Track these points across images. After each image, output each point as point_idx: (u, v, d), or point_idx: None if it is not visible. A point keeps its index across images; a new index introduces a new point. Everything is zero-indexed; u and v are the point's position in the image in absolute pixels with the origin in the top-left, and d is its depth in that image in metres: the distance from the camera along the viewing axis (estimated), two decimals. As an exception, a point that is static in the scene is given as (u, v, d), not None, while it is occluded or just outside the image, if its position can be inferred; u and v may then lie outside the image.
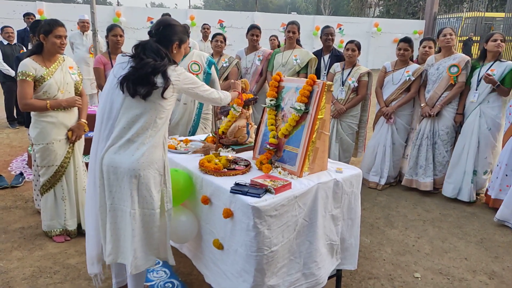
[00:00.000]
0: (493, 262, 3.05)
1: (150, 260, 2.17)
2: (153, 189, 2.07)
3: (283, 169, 2.30)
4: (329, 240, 2.32)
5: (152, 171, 2.05)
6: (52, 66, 2.99)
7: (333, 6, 38.25)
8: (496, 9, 22.56)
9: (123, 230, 2.09)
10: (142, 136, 2.02)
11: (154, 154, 2.05)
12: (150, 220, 2.10)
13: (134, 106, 2.01)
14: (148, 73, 1.95)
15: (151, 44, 2.05)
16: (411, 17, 25.50)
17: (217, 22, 14.68)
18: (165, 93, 2.00)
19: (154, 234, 2.13)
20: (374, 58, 17.92)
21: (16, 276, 2.70)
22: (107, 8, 17.10)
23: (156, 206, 2.11)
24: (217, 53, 4.68)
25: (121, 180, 2.03)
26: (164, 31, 2.10)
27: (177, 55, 2.19)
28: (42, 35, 2.88)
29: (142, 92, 1.97)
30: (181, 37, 2.17)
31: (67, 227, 3.17)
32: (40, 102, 2.91)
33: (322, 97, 2.23)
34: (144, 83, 1.96)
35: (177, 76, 2.04)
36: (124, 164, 2.01)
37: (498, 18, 18.17)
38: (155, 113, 2.03)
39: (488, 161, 4.08)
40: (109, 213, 2.09)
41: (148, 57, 2.00)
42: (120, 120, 2.04)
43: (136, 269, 2.10)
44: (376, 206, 4.04)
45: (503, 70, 3.88)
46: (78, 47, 7.09)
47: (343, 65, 4.42)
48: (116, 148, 2.03)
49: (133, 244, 2.06)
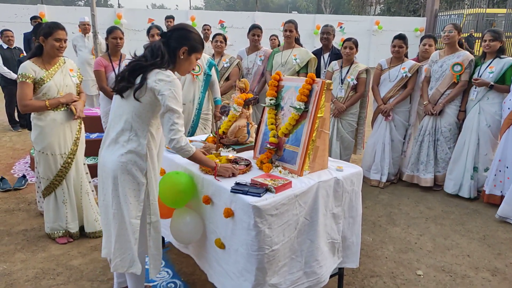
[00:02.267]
0: (496, 259, 3.04)
1: (133, 266, 2.11)
2: (129, 196, 2.03)
3: (283, 168, 2.30)
4: (331, 238, 2.32)
5: (130, 177, 2.02)
6: (52, 69, 3.00)
7: (333, 4, 38.18)
8: (497, 5, 22.45)
9: (111, 226, 2.13)
10: (122, 137, 2.02)
11: (132, 160, 2.01)
12: (126, 227, 2.06)
13: (119, 106, 2.06)
14: (128, 71, 1.97)
15: (156, 43, 2.03)
16: (412, 15, 25.41)
17: (218, 22, 14.70)
18: (137, 94, 1.93)
19: (131, 241, 2.07)
20: (375, 56, 17.86)
21: (19, 278, 2.71)
22: (108, 10, 17.12)
23: (132, 215, 2.04)
24: (217, 54, 4.69)
25: (107, 178, 2.06)
26: (175, 34, 2.05)
27: (185, 62, 2.08)
28: (42, 37, 2.91)
29: (119, 88, 1.98)
30: (193, 45, 2.06)
31: (69, 230, 3.19)
32: (39, 102, 2.93)
33: (321, 96, 2.24)
34: (124, 80, 1.98)
35: (158, 80, 1.91)
36: (108, 163, 2.05)
37: (500, 14, 18.08)
38: (131, 116, 1.99)
39: (489, 158, 4.07)
40: (102, 209, 2.16)
41: (143, 56, 2.00)
42: (110, 118, 2.12)
43: (114, 268, 2.12)
44: (378, 204, 4.04)
45: (501, 66, 3.88)
46: (80, 49, 7.14)
47: (341, 63, 4.42)
48: (106, 146, 2.10)
49: (114, 243, 2.09)
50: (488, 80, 3.90)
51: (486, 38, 3.94)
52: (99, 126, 4.35)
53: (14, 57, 6.57)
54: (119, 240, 2.09)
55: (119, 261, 2.11)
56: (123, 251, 2.11)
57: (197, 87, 3.83)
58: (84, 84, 6.28)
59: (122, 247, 2.10)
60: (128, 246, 2.10)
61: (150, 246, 2.17)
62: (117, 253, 2.11)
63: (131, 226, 2.07)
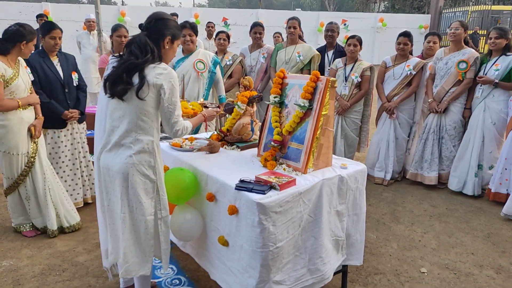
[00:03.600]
0: (500, 257, 3.04)
1: (145, 267, 2.11)
2: (142, 195, 2.03)
3: (287, 166, 2.31)
4: (335, 235, 2.32)
5: (140, 177, 2.01)
6: (15, 67, 3.01)
7: (337, 2, 38.04)
8: (503, 1, 22.27)
9: (118, 231, 2.09)
10: (128, 139, 1.99)
11: (142, 160, 2.00)
12: (140, 226, 2.06)
13: (117, 108, 2.00)
14: (123, 72, 1.91)
15: (140, 38, 1.98)
16: (417, 12, 25.26)
17: (221, 20, 14.67)
18: (140, 93, 1.90)
19: (146, 240, 2.08)
20: (379, 53, 17.78)
21: (25, 274, 2.74)
22: (112, 8, 17.16)
23: (147, 213, 2.05)
24: (220, 51, 4.69)
25: (113, 182, 2.03)
26: (156, 25, 2.01)
27: (169, 51, 2.08)
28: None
29: (117, 92, 1.93)
30: (174, 32, 2.06)
31: (35, 225, 3.24)
32: (12, 102, 2.94)
33: (326, 94, 2.24)
34: (119, 82, 1.92)
35: (157, 75, 1.92)
36: (114, 166, 2.01)
37: (505, 11, 17.93)
38: (136, 116, 1.96)
39: (494, 155, 4.06)
40: (107, 214, 2.11)
41: (132, 54, 1.95)
42: (107, 122, 2.05)
43: (126, 273, 2.07)
44: (382, 202, 4.03)
45: (507, 64, 3.86)
46: (85, 46, 7.15)
47: (344, 60, 4.41)
48: (108, 149, 2.05)
49: (124, 248, 2.05)
50: (493, 77, 3.88)
51: (492, 36, 3.92)
52: (103, 124, 4.36)
53: None
54: (129, 244, 2.06)
55: (129, 265, 2.07)
56: (133, 254, 2.08)
57: (201, 84, 3.84)
58: (88, 82, 6.30)
59: (132, 250, 2.08)
60: (139, 248, 2.09)
61: (162, 241, 2.16)
62: (127, 258, 2.07)
63: (147, 223, 2.05)
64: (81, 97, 3.59)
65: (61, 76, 3.41)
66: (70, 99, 3.49)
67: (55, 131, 3.46)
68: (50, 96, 3.36)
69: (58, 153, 3.50)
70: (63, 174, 3.53)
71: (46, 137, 3.43)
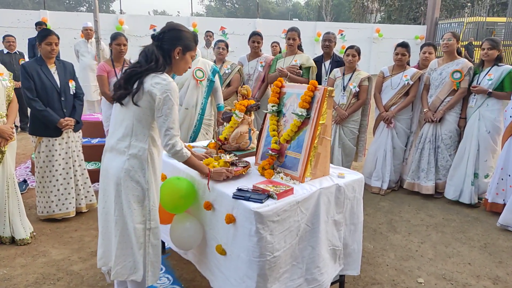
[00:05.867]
0: (497, 267, 3.04)
1: (136, 273, 2.09)
2: (133, 201, 2.03)
3: (285, 175, 2.31)
4: (332, 245, 2.32)
5: (133, 183, 2.02)
6: None
7: (334, 12, 38.40)
8: (497, 13, 22.57)
9: (111, 233, 2.11)
10: (123, 143, 2.03)
11: (135, 166, 2.02)
12: (130, 231, 2.05)
13: (119, 112, 2.08)
14: (125, 78, 1.99)
15: (149, 48, 2.03)
16: (413, 23, 25.53)
17: (219, 29, 14.77)
18: (135, 98, 1.95)
19: (136, 248, 2.07)
20: (376, 63, 17.94)
21: (19, 283, 2.70)
22: (110, 16, 17.21)
23: (136, 221, 2.05)
24: (219, 60, 4.71)
25: (109, 184, 2.07)
26: (168, 35, 2.03)
27: (181, 62, 2.08)
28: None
29: (117, 96, 2.01)
30: (187, 44, 2.06)
31: None
32: None
33: (323, 103, 2.25)
34: (121, 87, 2.01)
35: (154, 83, 1.93)
36: (111, 169, 2.05)
37: (500, 23, 18.17)
38: (131, 121, 2.01)
39: (489, 164, 4.08)
40: (102, 216, 2.14)
41: (138, 62, 2.02)
42: (110, 125, 2.14)
43: (116, 276, 2.10)
44: (379, 211, 4.03)
45: (500, 74, 3.92)
46: (83, 54, 7.15)
47: (343, 70, 4.45)
48: (108, 152, 2.11)
49: (116, 250, 2.08)
50: (487, 87, 3.93)
51: (485, 47, 4.00)
52: (100, 131, 4.36)
53: (13, 62, 6.67)
54: (121, 247, 2.08)
55: (120, 268, 2.09)
56: (124, 258, 2.09)
57: (200, 92, 3.86)
58: (86, 90, 6.31)
59: (124, 254, 2.09)
60: (130, 252, 2.09)
61: (149, 252, 2.13)
62: (118, 260, 2.09)
63: (135, 232, 2.06)
64: (77, 106, 3.57)
65: (58, 84, 3.41)
66: (66, 107, 3.48)
67: (50, 139, 3.45)
68: (46, 103, 3.35)
69: (52, 161, 3.47)
70: (56, 183, 3.50)
71: (40, 145, 3.42)
